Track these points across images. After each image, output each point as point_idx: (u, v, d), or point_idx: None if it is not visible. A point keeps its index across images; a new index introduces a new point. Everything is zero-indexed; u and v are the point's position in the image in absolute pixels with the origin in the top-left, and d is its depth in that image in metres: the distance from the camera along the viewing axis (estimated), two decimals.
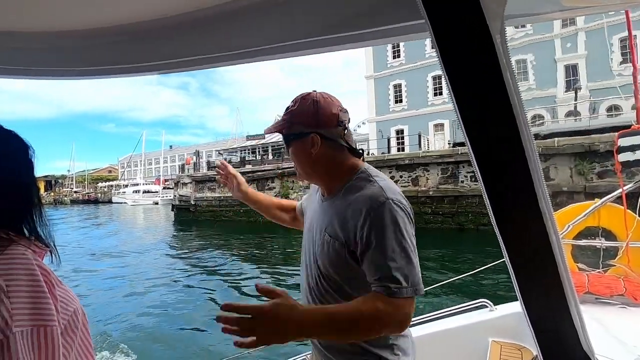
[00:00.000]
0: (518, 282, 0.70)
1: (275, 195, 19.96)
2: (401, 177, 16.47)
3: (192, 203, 24.13)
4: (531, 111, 22.32)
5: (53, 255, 0.76)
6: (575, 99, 20.31)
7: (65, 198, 66.84)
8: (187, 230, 20.19)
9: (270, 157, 29.95)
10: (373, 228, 0.88)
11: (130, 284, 9.15)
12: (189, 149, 53.45)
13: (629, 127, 2.55)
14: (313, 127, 1.00)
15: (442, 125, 26.09)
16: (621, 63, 21.04)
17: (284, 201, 1.51)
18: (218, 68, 0.96)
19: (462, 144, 16.69)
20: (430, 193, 15.61)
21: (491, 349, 1.99)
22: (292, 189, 19.76)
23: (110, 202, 58.47)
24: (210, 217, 22.69)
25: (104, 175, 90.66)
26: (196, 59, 0.90)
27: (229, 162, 30.03)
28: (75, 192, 73.56)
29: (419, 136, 20.17)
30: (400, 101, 28.56)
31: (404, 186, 16.11)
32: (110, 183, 73.21)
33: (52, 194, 71.86)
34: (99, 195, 66.92)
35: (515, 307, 2.15)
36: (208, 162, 30.66)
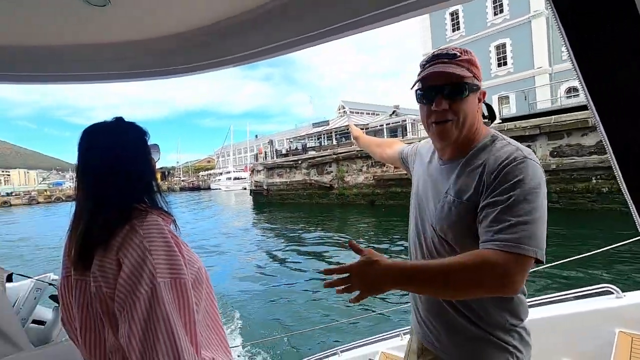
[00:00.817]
0: None
1: (332, 179, 21.73)
2: None
3: (265, 188, 27.28)
4: None
5: (175, 225, 0.89)
6: None
7: (176, 186, 76.93)
8: (262, 211, 23.56)
9: (334, 142, 31.62)
10: (506, 182, 0.83)
11: (227, 255, 11.70)
12: (272, 137, 57.26)
13: None
14: (480, 81, 0.97)
15: (507, 97, 24.48)
16: None
17: (381, 140, 1.62)
18: (298, 55, 1.16)
19: (510, 119, 16.08)
20: None
21: (618, 340, 1.77)
22: (347, 172, 21.15)
23: (209, 188, 66.86)
24: (279, 200, 25.64)
25: (203, 165, 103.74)
26: (286, 42, 0.95)
27: (295, 149, 32.69)
28: (183, 180, 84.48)
29: None
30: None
31: None
32: (209, 172, 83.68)
33: (166, 183, 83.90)
34: (200, 182, 76.82)
35: None
36: (276, 151, 33.57)
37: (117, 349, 0.78)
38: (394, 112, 34.15)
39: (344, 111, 46.96)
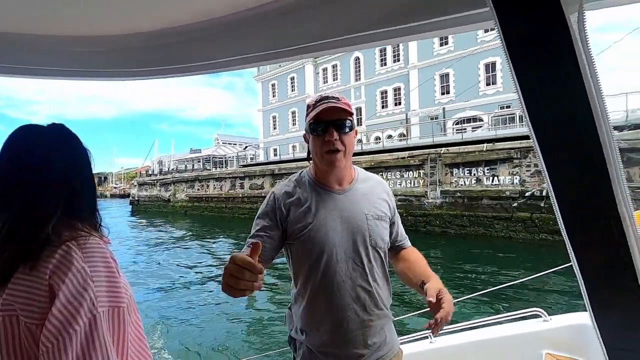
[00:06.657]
0: (589, 293, 0.63)
1: (169, 195, 31.55)
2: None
3: (136, 199, 35.96)
4: None
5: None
6: None
7: (107, 192, 74.98)
8: (134, 216, 28.47)
9: (203, 166, 38.59)
10: (393, 203, 1.29)
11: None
12: (207, 150, 54.36)
13: None
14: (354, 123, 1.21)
15: None
16: None
17: None
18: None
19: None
20: None
21: None
22: (179, 190, 29.92)
23: None
24: (144, 208, 31.90)
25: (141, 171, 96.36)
26: (261, 54, 0.88)
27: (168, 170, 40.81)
28: (115, 187, 79.21)
29: None
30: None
31: None
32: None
33: (100, 189, 77.25)
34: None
35: (574, 319, 2.02)
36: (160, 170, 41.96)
37: None
38: (246, 147, 45.06)
39: (218, 142, 55.52)
